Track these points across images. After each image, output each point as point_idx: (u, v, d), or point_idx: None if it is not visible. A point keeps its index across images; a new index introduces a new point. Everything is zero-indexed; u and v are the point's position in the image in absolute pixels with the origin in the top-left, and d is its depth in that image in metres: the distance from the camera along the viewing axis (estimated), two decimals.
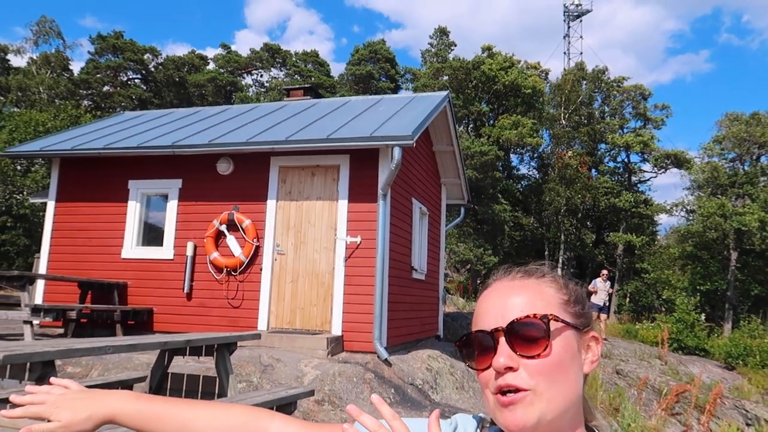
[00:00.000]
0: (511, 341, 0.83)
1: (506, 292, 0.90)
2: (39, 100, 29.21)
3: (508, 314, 0.86)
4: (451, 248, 24.47)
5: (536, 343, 0.83)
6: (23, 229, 18.83)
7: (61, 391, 0.96)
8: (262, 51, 41.51)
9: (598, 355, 0.92)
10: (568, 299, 0.90)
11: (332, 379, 6.15)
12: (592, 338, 0.91)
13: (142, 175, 8.94)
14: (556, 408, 0.82)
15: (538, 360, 0.83)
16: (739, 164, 30.25)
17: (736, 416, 9.40)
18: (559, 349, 0.84)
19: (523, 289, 0.90)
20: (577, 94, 31.34)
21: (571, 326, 0.87)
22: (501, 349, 0.84)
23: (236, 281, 8.20)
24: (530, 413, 0.81)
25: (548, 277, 0.93)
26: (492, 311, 0.88)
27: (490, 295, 0.92)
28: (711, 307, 26.80)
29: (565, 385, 0.84)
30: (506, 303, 0.88)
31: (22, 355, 2.94)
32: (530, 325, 0.84)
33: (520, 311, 0.86)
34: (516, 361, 0.83)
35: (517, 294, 0.89)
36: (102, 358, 6.28)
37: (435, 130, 10.43)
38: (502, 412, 0.83)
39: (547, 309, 0.86)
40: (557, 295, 0.90)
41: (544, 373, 0.82)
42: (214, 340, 4.30)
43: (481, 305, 0.92)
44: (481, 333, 0.87)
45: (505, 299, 0.88)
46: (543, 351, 0.83)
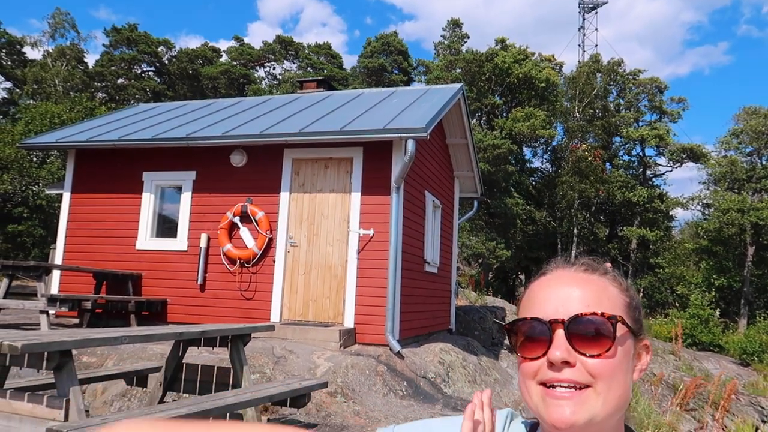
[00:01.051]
0: (571, 335, 0.80)
1: (569, 283, 0.85)
2: (54, 92, 29.45)
3: (571, 307, 0.82)
4: (463, 242, 24.40)
5: (599, 342, 0.80)
6: (39, 220, 19.05)
7: None
8: (274, 43, 41.52)
9: (647, 364, 0.89)
10: (630, 302, 0.87)
11: (345, 372, 6.16)
12: (644, 346, 0.89)
13: (156, 167, 8.98)
14: (607, 411, 0.79)
15: (599, 360, 0.79)
16: (757, 158, 29.81)
17: (751, 413, 9.31)
18: (620, 352, 0.82)
19: (589, 283, 0.85)
20: (592, 86, 31.02)
21: (631, 331, 0.84)
22: (558, 341, 0.80)
23: (249, 273, 8.23)
24: (582, 412, 0.78)
25: (611, 275, 0.89)
26: (552, 300, 0.84)
27: (550, 282, 0.87)
28: (726, 303, 26.51)
29: (620, 389, 0.81)
30: (570, 294, 0.83)
31: (40, 344, 2.96)
32: (596, 323, 0.80)
33: (585, 306, 0.82)
34: (574, 356, 0.79)
35: (582, 287, 0.84)
36: (117, 348, 6.33)
37: (448, 123, 10.37)
38: (550, 406, 0.79)
39: (613, 309, 0.83)
40: (621, 297, 0.87)
41: (604, 375, 0.79)
42: (228, 331, 4.31)
43: (539, 292, 0.87)
44: (537, 321, 0.83)
45: (568, 290, 0.84)
46: (606, 352, 0.80)
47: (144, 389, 5.14)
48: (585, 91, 30.53)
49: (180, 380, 4.56)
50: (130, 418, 0.86)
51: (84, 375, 4.51)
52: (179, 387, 4.58)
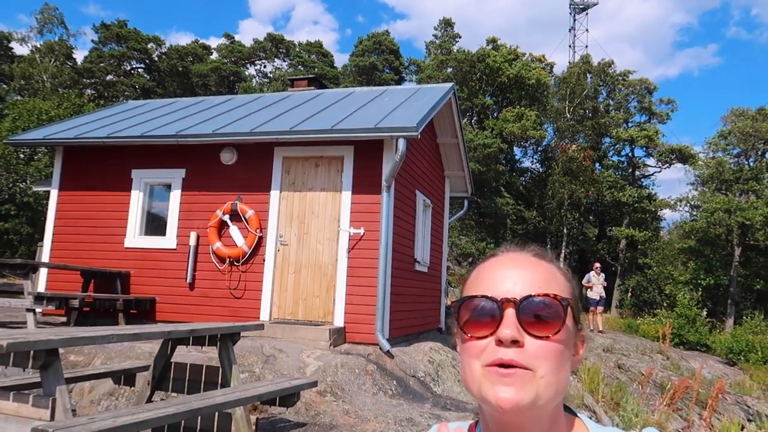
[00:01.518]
0: (521, 316, 0.78)
1: (521, 264, 0.85)
2: (42, 88, 29.17)
3: (522, 287, 0.80)
4: (453, 241, 24.44)
5: (548, 324, 0.79)
6: (26, 218, 18.86)
7: None
8: (265, 41, 41.36)
9: (583, 356, 0.88)
10: (573, 292, 0.87)
11: (334, 371, 6.15)
12: (582, 337, 0.88)
13: (145, 165, 8.91)
14: (550, 395, 0.78)
15: (547, 342, 0.78)
16: (744, 160, 30.11)
17: (737, 412, 9.40)
18: (565, 337, 0.81)
19: (539, 267, 0.85)
20: (582, 87, 31.19)
21: (574, 319, 0.84)
22: (508, 320, 0.78)
23: (239, 271, 8.19)
24: (527, 392, 0.77)
25: (557, 263, 0.89)
26: (505, 280, 0.82)
27: (502, 263, 0.86)
28: (713, 302, 26.76)
29: (563, 373, 0.80)
30: (523, 275, 0.82)
31: (26, 342, 2.93)
32: (548, 304, 0.79)
33: (537, 287, 0.81)
34: (523, 336, 0.78)
35: (534, 270, 0.84)
36: (105, 347, 6.28)
37: (439, 122, 10.38)
38: (495, 386, 0.77)
39: (562, 294, 0.83)
40: (567, 285, 0.87)
41: (549, 357, 0.78)
42: (217, 330, 4.29)
43: (489, 272, 0.85)
44: (488, 299, 0.81)
45: (520, 271, 0.83)
46: (554, 334, 0.79)
47: (132, 388, 5.10)
48: (575, 91, 30.69)
49: (168, 379, 4.53)
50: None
51: (71, 374, 4.47)
52: (168, 386, 4.54)
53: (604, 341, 13.10)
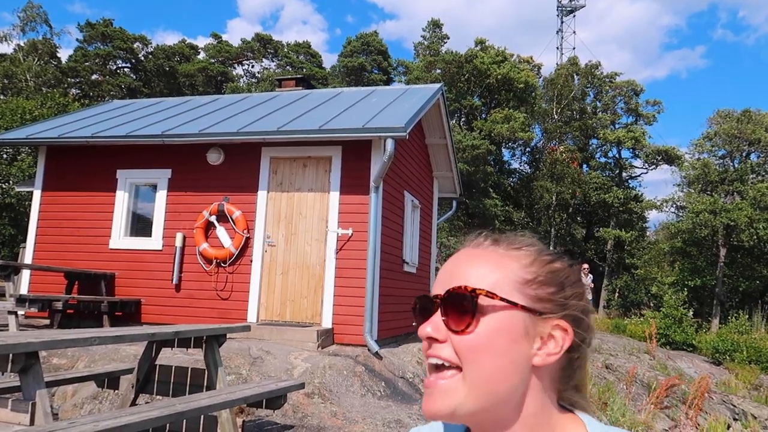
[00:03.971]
0: (445, 311, 0.76)
1: (460, 260, 0.81)
2: (26, 87, 28.80)
3: (451, 282, 0.78)
4: (441, 242, 24.47)
5: (462, 317, 0.75)
6: (9, 219, 18.60)
7: None
8: (253, 41, 41.19)
9: (561, 349, 0.77)
10: (531, 279, 0.77)
11: (322, 372, 6.10)
12: (558, 327, 0.77)
13: (130, 165, 8.81)
14: (478, 398, 0.73)
15: (462, 337, 0.74)
16: (729, 161, 30.45)
17: (723, 411, 9.47)
18: (490, 330, 0.74)
19: (479, 258, 0.80)
20: (570, 89, 31.38)
21: (519, 307, 0.75)
22: (434, 318, 0.77)
23: (226, 273, 8.12)
24: (446, 400, 0.74)
25: (521, 251, 0.81)
26: (441, 277, 0.81)
27: (449, 260, 0.84)
28: (699, 303, 27.02)
29: (492, 372, 0.73)
30: (454, 270, 0.80)
31: (5, 345, 2.85)
32: (459, 296, 0.76)
33: (464, 280, 0.77)
34: (444, 333, 0.76)
35: (470, 263, 0.79)
36: (88, 349, 6.18)
37: (428, 123, 10.36)
38: (424, 393, 0.77)
39: (494, 285, 0.76)
40: (518, 272, 0.78)
41: (466, 354, 0.74)
42: (203, 332, 4.22)
43: (440, 271, 0.85)
44: (424, 298, 0.80)
45: (455, 266, 0.81)
46: (466, 328, 0.74)
47: (116, 391, 5.02)
48: (563, 93, 30.87)
49: (153, 382, 4.46)
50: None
51: (53, 377, 4.38)
52: (152, 389, 4.47)
53: None
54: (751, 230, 25.19)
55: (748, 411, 9.64)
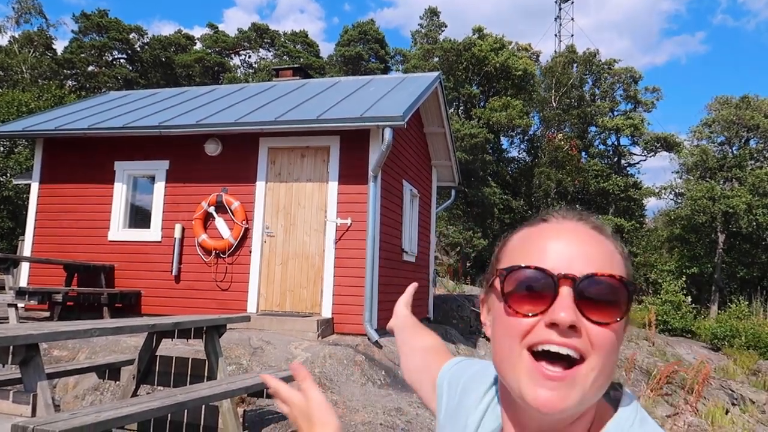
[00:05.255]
0: (581, 297, 0.68)
1: (582, 238, 0.73)
2: (21, 79, 28.64)
3: (584, 264, 0.69)
4: (440, 231, 24.48)
5: (610, 309, 0.68)
6: (7, 212, 18.56)
7: (299, 401, 0.85)
8: (250, 31, 40.93)
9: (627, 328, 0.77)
10: (629, 269, 0.75)
11: (323, 362, 6.12)
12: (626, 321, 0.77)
13: (128, 157, 8.78)
14: (596, 392, 0.69)
15: (605, 329, 0.68)
16: (728, 147, 30.41)
17: (722, 396, 9.52)
18: (624, 324, 0.71)
19: (599, 244, 0.73)
20: (568, 76, 31.26)
21: (635, 299, 0.74)
22: (564, 300, 0.67)
23: (225, 263, 8.12)
24: (573, 395, 0.67)
25: (613, 239, 0.76)
26: (562, 252, 0.71)
27: (558, 232, 0.74)
28: (698, 289, 27.11)
29: (613, 366, 0.71)
30: (582, 250, 0.71)
31: (5, 338, 2.86)
32: (612, 287, 0.69)
33: (601, 266, 0.69)
34: (581, 321, 0.68)
35: (593, 246, 0.72)
36: (89, 341, 6.19)
37: (426, 112, 10.33)
38: (537, 385, 0.68)
39: (627, 276, 0.72)
40: (624, 262, 0.75)
41: (605, 347, 0.68)
42: (203, 323, 4.23)
43: (540, 240, 0.73)
44: (542, 272, 0.69)
45: (581, 245, 0.71)
46: (616, 321, 0.68)
47: (117, 383, 5.04)
48: (561, 81, 30.76)
49: (154, 373, 4.47)
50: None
51: (54, 369, 4.40)
52: (153, 380, 4.49)
53: None
54: (750, 217, 25.20)
55: (747, 396, 9.70)
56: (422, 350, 1.21)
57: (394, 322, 1.36)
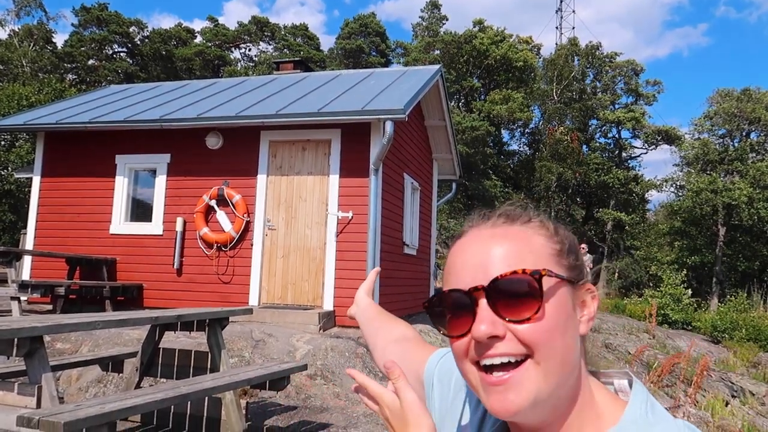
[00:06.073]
0: (495, 303, 0.69)
1: (486, 242, 0.74)
2: (22, 73, 28.60)
3: (490, 270, 0.70)
4: (441, 224, 24.50)
5: (525, 304, 0.69)
6: (8, 205, 18.59)
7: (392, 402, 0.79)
8: (250, 24, 40.80)
9: (595, 312, 0.77)
10: (560, 249, 0.75)
11: (324, 354, 6.15)
12: (588, 291, 0.76)
13: (129, 150, 8.78)
14: (554, 382, 0.69)
15: (529, 325, 0.68)
16: (729, 140, 30.37)
17: (722, 388, 9.56)
18: (553, 309, 0.70)
19: (507, 238, 0.74)
20: (569, 69, 31.18)
21: (565, 281, 0.72)
22: (482, 313, 0.69)
23: (227, 257, 8.14)
24: (524, 394, 0.68)
25: (535, 222, 0.77)
26: (469, 266, 0.73)
27: (466, 245, 0.75)
28: (698, 282, 27.13)
29: (563, 352, 0.69)
30: (487, 256, 0.72)
31: (9, 330, 2.88)
32: (518, 282, 0.69)
33: (505, 266, 0.70)
34: (501, 327, 0.69)
35: (500, 244, 0.73)
36: (91, 334, 6.23)
37: (427, 105, 10.32)
38: (489, 394, 0.70)
39: (537, 262, 0.71)
40: (548, 245, 0.75)
41: (540, 340, 0.68)
42: (205, 315, 4.25)
43: (455, 259, 0.76)
44: (457, 293, 0.72)
45: (485, 251, 0.73)
46: (534, 314, 0.68)
47: (120, 375, 5.07)
48: (562, 73, 30.68)
49: (157, 365, 4.50)
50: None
51: (57, 361, 4.42)
52: (156, 372, 4.52)
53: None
54: (751, 210, 25.20)
55: (746, 388, 9.73)
56: (397, 343, 1.14)
57: (355, 311, 1.32)
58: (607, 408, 0.74)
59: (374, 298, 5.44)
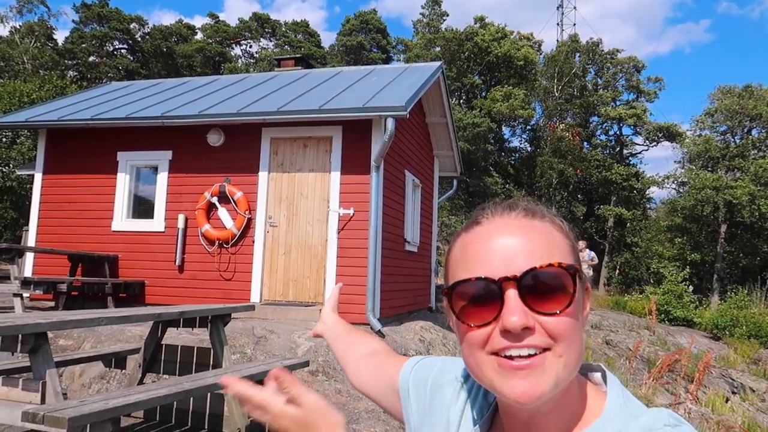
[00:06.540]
0: (525, 294, 0.69)
1: (513, 232, 0.73)
2: (23, 70, 28.60)
3: (519, 261, 0.70)
4: (442, 221, 24.51)
5: (557, 298, 0.69)
6: (10, 202, 18.62)
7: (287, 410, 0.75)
8: (250, 21, 40.76)
9: (588, 309, 0.79)
10: (573, 245, 0.77)
11: (326, 351, 6.16)
12: (586, 290, 0.78)
13: (131, 147, 8.80)
14: (570, 372, 0.70)
15: (558, 318, 0.69)
16: (731, 137, 30.33)
17: (722, 385, 9.58)
18: (576, 305, 0.72)
19: (533, 231, 0.73)
20: (570, 66, 31.14)
21: (581, 278, 0.74)
22: (511, 303, 0.68)
23: (228, 253, 8.16)
24: (547, 380, 0.68)
25: (549, 217, 0.77)
26: (497, 254, 0.71)
27: (491, 233, 0.74)
28: (699, 279, 27.14)
29: (579, 346, 0.72)
30: (515, 246, 0.71)
31: (14, 326, 2.90)
32: (554, 276, 0.70)
33: (537, 258, 0.70)
34: (532, 319, 0.69)
35: (528, 237, 0.72)
36: (94, 330, 6.25)
37: (428, 102, 10.32)
38: (509, 379, 0.69)
39: (564, 257, 0.72)
40: (566, 242, 0.76)
41: (565, 334, 0.69)
42: (208, 312, 4.27)
43: (476, 246, 0.74)
44: (483, 281, 0.70)
45: (512, 241, 0.72)
46: (566, 308, 0.69)
47: (123, 371, 5.09)
48: (563, 70, 30.64)
49: (159, 361, 4.52)
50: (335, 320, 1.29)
51: (61, 357, 4.45)
52: (159, 368, 4.54)
53: (592, 318, 13.25)
54: (753, 207, 25.18)
55: (747, 384, 9.75)
56: (369, 357, 1.14)
57: (321, 328, 1.31)
58: (592, 399, 0.77)
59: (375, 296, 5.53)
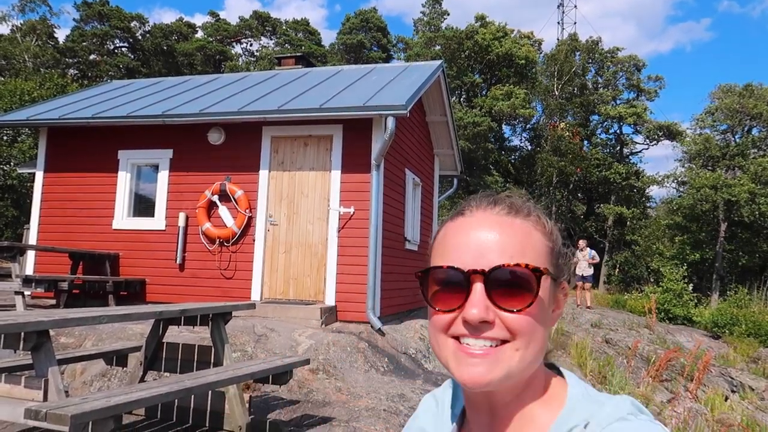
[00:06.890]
0: (491, 289, 0.72)
1: (490, 228, 0.76)
2: (24, 68, 28.61)
3: (491, 256, 0.73)
4: (442, 219, 24.53)
5: (520, 296, 0.72)
6: (11, 201, 18.65)
7: None
8: (251, 19, 40.76)
9: (563, 308, 0.82)
10: (553, 247, 0.79)
11: (326, 349, 6.19)
12: (562, 290, 0.81)
13: (131, 145, 8.82)
14: (524, 367, 0.73)
15: (519, 315, 0.72)
16: (731, 136, 30.33)
17: (721, 383, 9.60)
18: (541, 305, 0.74)
19: (513, 229, 0.76)
20: (571, 65, 31.13)
21: (552, 279, 0.77)
22: (476, 296, 0.72)
23: (229, 252, 8.18)
24: (497, 370, 0.71)
25: (534, 216, 0.80)
26: (471, 247, 0.74)
27: (469, 226, 0.77)
28: (699, 277, 27.17)
29: (539, 343, 0.74)
30: (490, 241, 0.74)
31: (16, 324, 2.91)
32: (519, 276, 0.72)
33: (508, 256, 0.73)
34: (492, 313, 0.71)
35: (504, 233, 0.75)
36: (95, 328, 6.27)
37: (428, 101, 10.33)
38: (463, 364, 0.72)
39: (537, 258, 0.75)
40: (545, 243, 0.78)
41: (524, 331, 0.72)
42: (209, 310, 4.29)
43: (455, 236, 0.77)
44: (454, 271, 0.73)
45: (488, 236, 0.75)
46: (527, 307, 0.72)
47: (124, 369, 5.11)
48: (564, 69, 30.63)
49: (161, 359, 4.54)
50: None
51: (62, 355, 4.47)
52: (160, 366, 4.56)
53: (591, 317, 13.27)
54: (753, 206, 25.20)
55: (746, 383, 9.77)
56: None
57: None
58: (554, 389, 0.79)
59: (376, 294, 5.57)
